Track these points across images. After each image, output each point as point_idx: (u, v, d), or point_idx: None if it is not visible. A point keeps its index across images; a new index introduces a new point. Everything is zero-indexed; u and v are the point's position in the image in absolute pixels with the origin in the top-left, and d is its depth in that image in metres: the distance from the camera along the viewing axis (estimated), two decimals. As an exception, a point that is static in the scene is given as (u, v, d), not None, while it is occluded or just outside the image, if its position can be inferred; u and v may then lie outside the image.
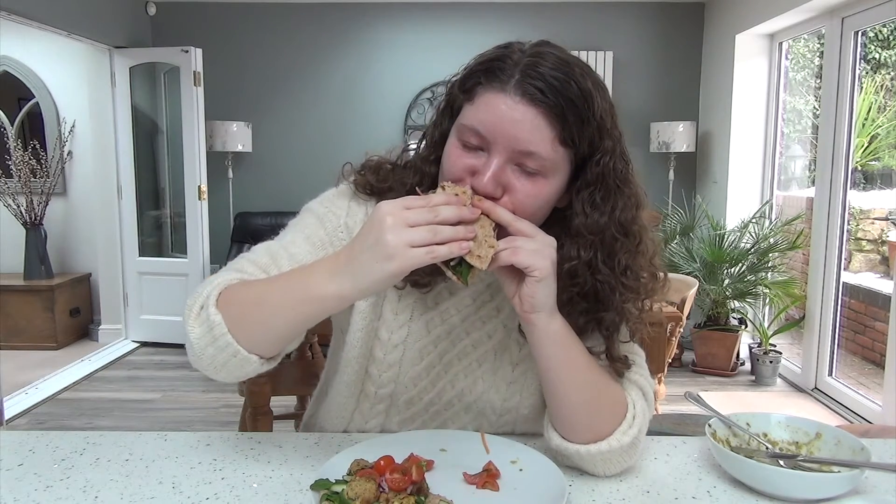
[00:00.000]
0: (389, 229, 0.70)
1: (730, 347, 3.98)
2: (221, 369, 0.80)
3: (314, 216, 0.95)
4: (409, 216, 0.71)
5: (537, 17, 4.64)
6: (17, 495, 0.79)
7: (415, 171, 0.91)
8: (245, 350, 0.78)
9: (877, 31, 4.93)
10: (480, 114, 0.79)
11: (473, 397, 0.97)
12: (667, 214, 4.43)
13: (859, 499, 0.77)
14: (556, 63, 0.79)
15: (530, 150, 0.78)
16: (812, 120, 4.61)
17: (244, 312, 0.78)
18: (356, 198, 0.96)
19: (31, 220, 4.54)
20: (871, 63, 4.95)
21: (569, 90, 0.78)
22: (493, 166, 0.79)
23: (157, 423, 3.30)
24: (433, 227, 0.71)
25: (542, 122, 0.78)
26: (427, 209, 0.72)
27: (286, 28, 4.72)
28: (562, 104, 0.78)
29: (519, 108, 0.77)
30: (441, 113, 0.89)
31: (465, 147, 0.81)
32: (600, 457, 0.83)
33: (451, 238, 0.71)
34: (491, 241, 0.74)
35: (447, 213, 0.72)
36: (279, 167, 4.82)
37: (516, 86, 0.77)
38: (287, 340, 0.81)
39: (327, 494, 0.73)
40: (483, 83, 0.80)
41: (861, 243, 4.51)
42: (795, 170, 4.71)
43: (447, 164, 0.83)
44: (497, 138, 0.78)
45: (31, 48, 4.65)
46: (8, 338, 4.45)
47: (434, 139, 0.89)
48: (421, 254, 0.70)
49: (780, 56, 4.19)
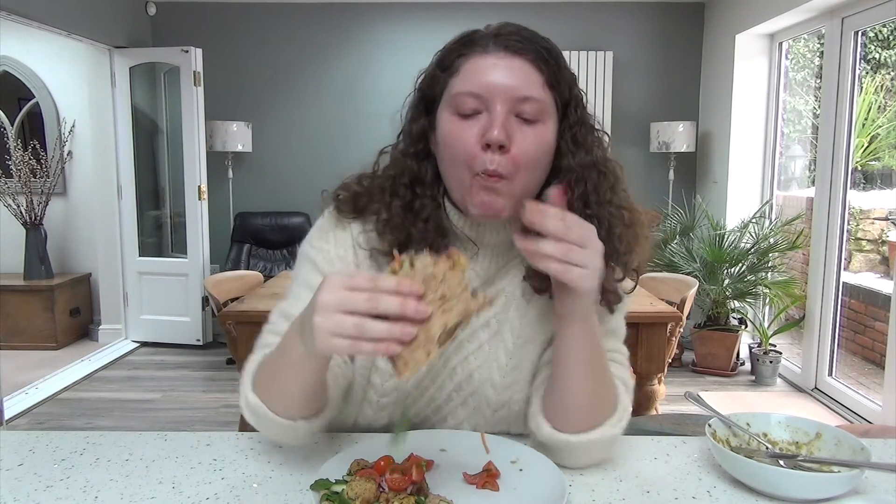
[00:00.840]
0: (320, 310, 0.68)
1: (730, 347, 3.98)
2: (285, 439, 0.85)
3: (309, 262, 0.96)
4: (345, 300, 0.67)
5: (537, 17, 4.65)
6: (17, 495, 0.79)
7: (396, 166, 0.92)
8: (285, 419, 0.82)
9: (877, 31, 4.93)
10: (472, 77, 0.84)
11: (470, 390, 0.97)
12: (667, 214, 4.43)
13: (859, 499, 0.77)
14: (518, 26, 0.88)
15: (527, 95, 0.83)
16: (812, 120, 4.61)
17: (269, 388, 0.82)
18: (339, 223, 0.96)
19: (31, 220, 4.54)
20: (871, 63, 4.95)
21: (540, 41, 0.87)
22: (500, 117, 0.82)
23: (157, 423, 3.30)
24: (362, 324, 0.66)
25: (530, 68, 0.84)
26: (368, 296, 0.66)
27: (286, 28, 4.72)
28: (540, 51, 0.85)
29: (506, 59, 0.84)
30: (415, 108, 0.91)
31: (463, 117, 0.84)
32: (588, 446, 0.85)
33: (381, 337, 0.66)
34: (431, 346, 0.67)
35: (387, 305, 0.66)
36: (279, 167, 4.82)
37: (496, 44, 0.85)
38: (311, 398, 0.82)
39: (327, 494, 0.73)
40: (465, 53, 0.86)
41: (861, 243, 4.52)
42: (795, 170, 4.71)
43: (452, 139, 0.85)
44: (495, 92, 0.82)
45: (31, 48, 4.65)
46: (8, 338, 4.45)
47: (413, 134, 0.91)
48: (343, 345, 0.67)
49: (780, 56, 4.19)
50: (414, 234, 0.90)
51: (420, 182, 0.91)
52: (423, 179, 0.91)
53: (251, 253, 4.66)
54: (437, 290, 0.69)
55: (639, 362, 2.33)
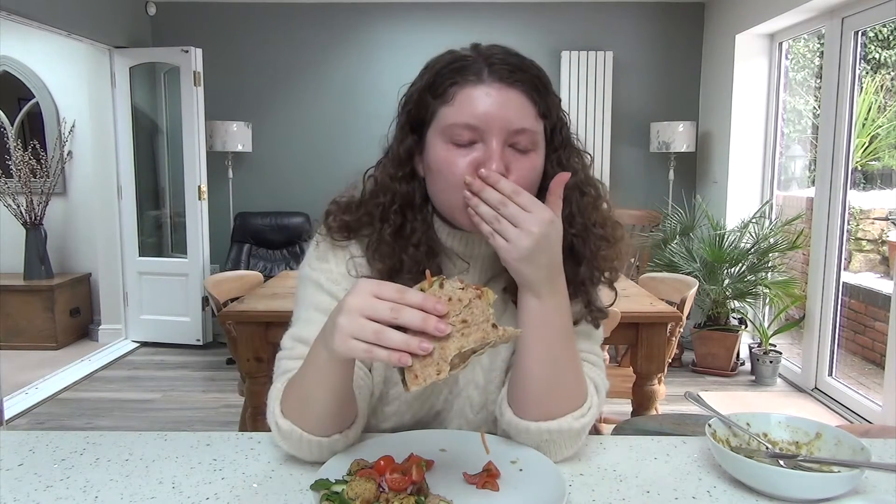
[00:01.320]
0: (346, 312, 0.70)
1: (730, 347, 3.98)
2: (321, 457, 0.84)
3: (312, 283, 0.96)
4: (370, 307, 0.69)
5: (537, 17, 4.65)
6: (17, 495, 0.79)
7: (384, 191, 0.92)
8: (319, 436, 0.83)
9: (877, 31, 4.93)
10: (468, 108, 0.83)
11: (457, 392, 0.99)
12: (667, 214, 4.43)
13: (859, 499, 0.77)
14: (507, 51, 0.87)
15: (523, 127, 0.83)
16: (812, 120, 4.61)
17: (299, 407, 0.83)
18: (333, 247, 0.97)
19: (31, 220, 4.54)
20: (871, 63, 4.95)
21: (530, 69, 0.86)
22: (497, 150, 0.83)
23: (157, 423, 3.30)
24: (381, 331, 0.68)
25: (524, 100, 0.84)
26: (393, 306, 0.69)
27: (286, 28, 4.72)
28: (532, 81, 0.85)
29: (502, 92, 0.83)
30: (402, 129, 0.91)
31: (458, 146, 0.84)
32: (547, 436, 0.86)
33: (397, 347, 0.68)
34: (443, 365, 0.69)
35: (409, 318, 0.69)
36: (279, 167, 4.82)
37: (490, 75, 0.83)
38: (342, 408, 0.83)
39: (327, 494, 0.73)
40: (458, 81, 0.84)
41: (861, 243, 4.52)
42: (795, 170, 4.71)
43: (447, 169, 0.85)
44: (492, 124, 0.83)
45: (31, 48, 4.66)
46: (8, 338, 4.45)
47: (401, 156, 0.91)
48: (359, 349, 0.69)
49: (780, 56, 4.19)
50: (406, 259, 0.91)
51: (410, 205, 0.92)
52: (413, 202, 0.92)
53: (251, 253, 4.66)
54: (460, 314, 0.71)
55: (639, 362, 2.33)
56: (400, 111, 0.92)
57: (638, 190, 4.78)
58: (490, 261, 0.96)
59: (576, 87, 4.58)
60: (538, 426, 0.85)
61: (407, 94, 0.91)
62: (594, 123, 4.60)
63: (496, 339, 0.72)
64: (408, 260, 0.91)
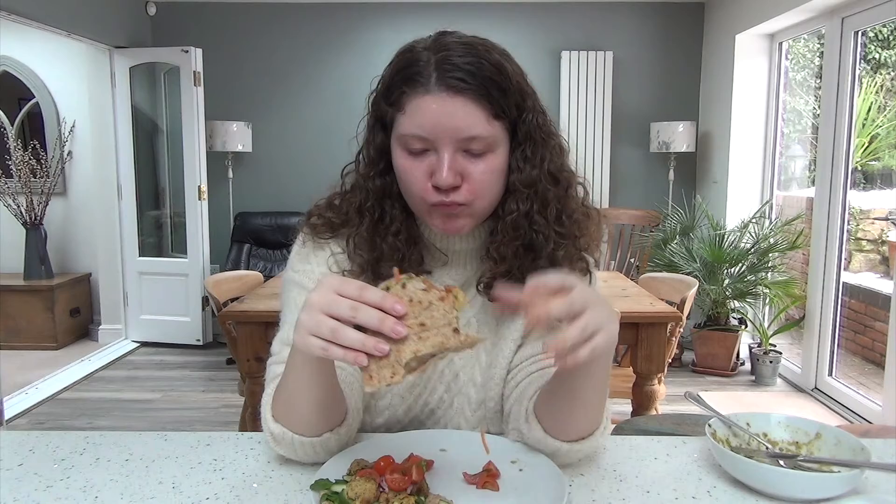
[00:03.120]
0: (307, 308, 0.69)
1: (730, 347, 3.98)
2: (317, 457, 0.84)
3: (296, 286, 0.97)
4: (330, 303, 0.68)
5: (537, 16, 4.65)
6: (17, 495, 0.79)
7: (359, 190, 0.93)
8: (310, 437, 0.82)
9: (877, 31, 4.93)
10: (416, 119, 0.83)
11: (456, 390, 0.99)
12: (667, 214, 4.43)
13: (859, 499, 0.77)
14: (463, 49, 0.83)
15: (472, 135, 0.82)
16: (812, 120, 4.61)
17: (287, 410, 0.83)
18: (316, 245, 0.98)
19: (31, 220, 4.54)
20: (871, 63, 4.95)
21: (483, 69, 0.82)
22: (446, 160, 0.83)
23: (157, 423, 3.30)
24: (338, 329, 0.67)
25: (473, 107, 0.82)
26: (352, 304, 0.68)
27: (286, 28, 4.72)
28: (483, 84, 0.82)
29: (448, 101, 0.81)
30: (372, 129, 0.92)
31: (413, 154, 0.85)
32: (576, 454, 0.86)
33: (353, 346, 0.67)
34: (398, 368, 0.67)
35: (367, 317, 0.67)
36: (279, 167, 4.82)
37: (437, 83, 0.82)
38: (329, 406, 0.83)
39: (327, 494, 0.73)
40: (407, 91, 0.83)
41: (861, 243, 4.51)
42: (795, 170, 4.71)
43: (404, 177, 0.87)
44: (439, 135, 0.82)
45: (31, 48, 4.65)
46: (8, 338, 4.45)
47: (371, 155, 0.92)
48: (317, 346, 0.68)
49: (780, 56, 4.18)
50: (385, 249, 0.91)
51: (388, 196, 0.93)
52: (390, 193, 0.92)
53: (251, 253, 4.66)
54: (419, 317, 0.69)
55: (639, 362, 2.33)
56: (368, 110, 0.93)
57: (638, 190, 4.78)
58: (469, 255, 0.98)
59: (576, 87, 4.58)
60: (570, 447, 0.85)
61: (371, 97, 0.92)
62: (594, 123, 4.60)
63: (457, 344, 0.69)
64: (387, 249, 0.91)
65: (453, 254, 0.97)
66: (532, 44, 4.64)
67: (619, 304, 2.28)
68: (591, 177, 4.64)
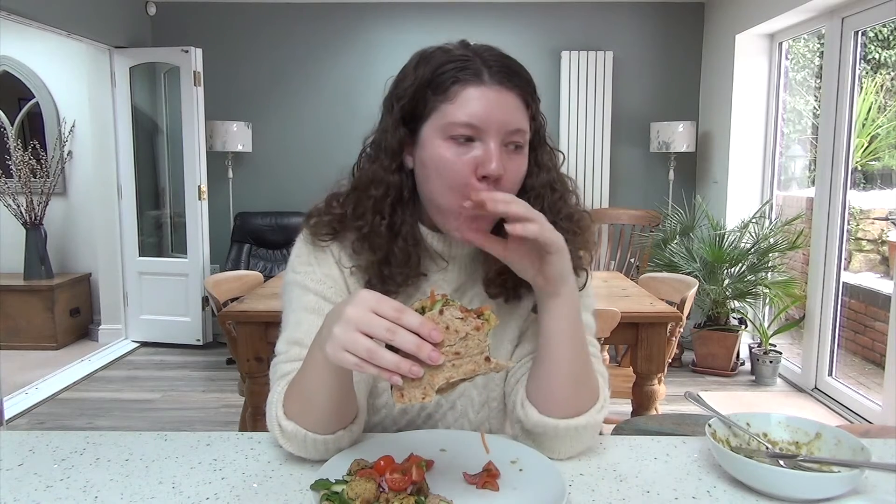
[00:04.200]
0: (343, 322, 0.70)
1: (730, 347, 3.98)
2: (327, 455, 0.85)
3: (298, 287, 0.97)
4: (367, 322, 0.69)
5: (537, 16, 4.65)
6: (17, 495, 0.79)
7: (377, 183, 0.93)
8: (324, 434, 0.84)
9: (877, 31, 4.93)
10: (468, 108, 0.85)
11: (457, 394, 1.00)
12: (667, 214, 4.43)
13: (859, 499, 0.77)
14: (500, 53, 0.90)
15: (519, 128, 0.87)
16: (812, 120, 4.60)
17: (301, 407, 0.84)
18: (316, 247, 0.98)
19: (31, 220, 4.54)
20: (871, 63, 4.95)
21: (523, 72, 0.90)
22: (496, 150, 0.85)
23: (157, 423, 3.30)
24: (374, 351, 0.68)
25: (520, 103, 0.88)
26: (390, 326, 0.68)
27: (286, 28, 4.72)
28: (525, 84, 0.89)
29: (503, 94, 0.86)
30: (395, 122, 0.91)
31: (457, 144, 0.86)
32: (574, 432, 0.88)
33: (388, 368, 0.68)
34: (429, 390, 0.70)
35: (404, 341, 0.68)
36: (279, 167, 4.82)
37: (492, 76, 0.86)
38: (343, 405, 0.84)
39: (327, 494, 0.73)
40: (460, 79, 0.86)
41: (861, 243, 4.51)
42: (795, 170, 4.71)
43: (446, 169, 0.86)
44: (491, 125, 0.85)
45: (31, 48, 4.65)
46: (8, 338, 4.45)
47: (393, 149, 0.92)
48: (350, 362, 0.69)
49: (780, 56, 4.18)
50: (395, 251, 0.92)
51: (400, 198, 0.93)
52: (402, 195, 0.93)
53: (251, 253, 4.66)
54: (454, 345, 0.71)
55: (639, 362, 2.33)
56: (391, 104, 0.92)
57: (638, 190, 4.78)
58: (469, 260, 0.99)
59: (576, 87, 4.58)
60: (567, 423, 0.87)
61: (400, 87, 0.91)
62: (594, 123, 4.60)
63: (487, 370, 0.72)
64: (398, 252, 0.92)
65: (451, 259, 0.99)
66: (532, 44, 4.64)
67: (619, 304, 2.28)
68: (591, 177, 4.64)
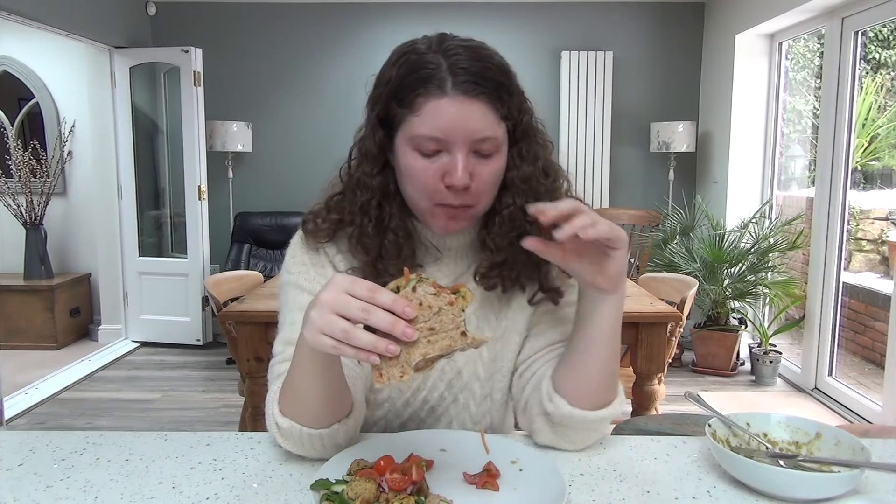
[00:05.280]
0: (318, 306, 0.71)
1: (730, 347, 3.98)
2: (327, 452, 0.85)
3: (293, 287, 0.99)
4: (342, 304, 0.70)
5: (537, 16, 4.65)
6: (17, 495, 0.79)
7: (361, 188, 0.94)
8: (319, 429, 0.84)
9: (877, 31, 4.93)
10: (432, 121, 0.84)
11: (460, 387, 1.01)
12: (667, 214, 4.43)
13: (859, 499, 0.77)
14: (470, 53, 0.86)
15: (486, 136, 0.86)
16: (812, 120, 4.60)
17: (294, 403, 0.84)
18: (311, 248, 0.99)
19: (31, 220, 4.54)
20: (871, 63, 4.95)
21: (492, 73, 0.86)
22: (461, 161, 0.85)
23: (157, 423, 3.30)
24: (350, 331, 0.69)
25: (486, 109, 0.85)
26: (364, 306, 0.69)
27: (286, 28, 4.72)
28: (494, 88, 0.85)
29: (465, 104, 0.84)
30: (373, 128, 0.92)
31: (425, 156, 0.86)
32: (600, 423, 0.91)
33: (364, 347, 0.69)
34: (407, 368, 0.71)
35: (378, 320, 0.69)
36: (279, 167, 4.82)
37: (454, 87, 0.84)
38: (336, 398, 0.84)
39: (327, 494, 0.73)
40: (422, 93, 0.84)
41: (861, 243, 4.51)
42: (795, 170, 4.71)
43: (416, 178, 0.88)
44: (456, 137, 0.84)
45: (31, 48, 4.65)
46: (8, 338, 4.45)
47: (374, 153, 0.93)
48: (328, 344, 0.70)
49: (780, 56, 4.19)
50: (387, 245, 0.93)
51: (386, 195, 0.94)
52: (389, 191, 0.94)
53: (251, 253, 4.66)
54: (429, 321, 0.72)
55: (639, 362, 2.33)
56: (368, 110, 0.94)
57: (638, 190, 4.78)
58: (465, 250, 1.00)
59: (576, 87, 4.58)
60: (596, 414, 0.90)
61: (375, 92, 0.92)
62: (594, 123, 4.60)
63: (464, 346, 0.72)
64: (389, 245, 0.94)
65: (446, 250, 1.00)
66: (532, 44, 4.64)
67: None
68: (591, 177, 4.64)
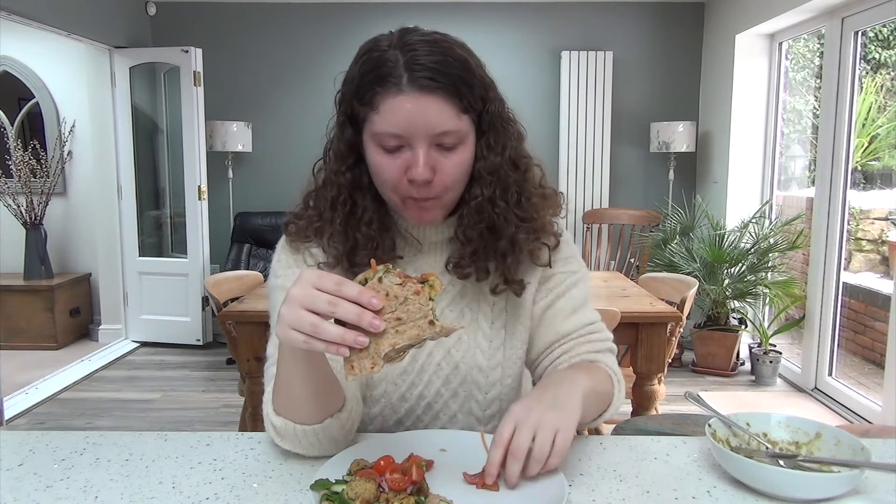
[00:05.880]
0: (287, 301, 0.72)
1: (730, 347, 3.98)
2: (324, 448, 0.86)
3: (281, 290, 1.00)
4: (309, 298, 0.71)
5: (537, 16, 4.65)
6: (17, 495, 0.79)
7: (330, 185, 0.96)
8: (314, 424, 0.84)
9: (877, 31, 4.93)
10: (390, 118, 0.85)
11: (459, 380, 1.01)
12: (667, 214, 4.43)
13: (859, 499, 0.77)
14: (429, 48, 0.87)
15: (445, 130, 0.86)
16: (812, 120, 4.60)
17: (286, 401, 0.85)
18: (295, 250, 1.01)
19: (31, 220, 4.54)
20: (871, 63, 4.95)
21: (451, 67, 0.86)
22: (422, 156, 0.86)
23: (157, 423, 3.30)
24: (318, 324, 0.70)
25: (444, 104, 0.85)
26: (330, 299, 0.70)
27: (286, 28, 4.72)
28: (452, 81, 0.86)
29: (421, 100, 0.84)
30: (342, 125, 0.94)
31: (388, 151, 0.88)
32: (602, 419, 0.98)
33: (333, 340, 0.70)
34: (377, 359, 0.71)
35: (346, 312, 0.70)
36: (279, 167, 4.82)
37: (409, 83, 0.84)
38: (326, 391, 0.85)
39: (327, 494, 0.73)
40: (379, 91, 0.85)
41: (861, 243, 4.51)
42: (795, 170, 4.71)
43: (381, 173, 0.89)
44: (414, 133, 0.85)
45: (31, 48, 4.65)
46: (8, 338, 4.45)
47: (342, 150, 0.94)
48: (298, 339, 0.71)
49: (780, 56, 4.18)
50: (360, 238, 0.94)
51: (358, 188, 0.95)
52: (361, 184, 0.95)
53: (251, 253, 4.66)
54: (395, 311, 0.72)
55: (639, 362, 2.33)
56: (336, 108, 0.95)
57: (638, 190, 4.78)
58: (443, 244, 1.01)
59: (576, 87, 4.58)
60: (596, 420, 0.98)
61: (340, 94, 0.93)
62: (594, 123, 4.60)
63: (433, 335, 0.73)
64: (361, 238, 0.94)
65: (428, 243, 1.01)
66: (532, 44, 4.64)
67: (619, 304, 2.28)
68: (590, 177, 4.64)
